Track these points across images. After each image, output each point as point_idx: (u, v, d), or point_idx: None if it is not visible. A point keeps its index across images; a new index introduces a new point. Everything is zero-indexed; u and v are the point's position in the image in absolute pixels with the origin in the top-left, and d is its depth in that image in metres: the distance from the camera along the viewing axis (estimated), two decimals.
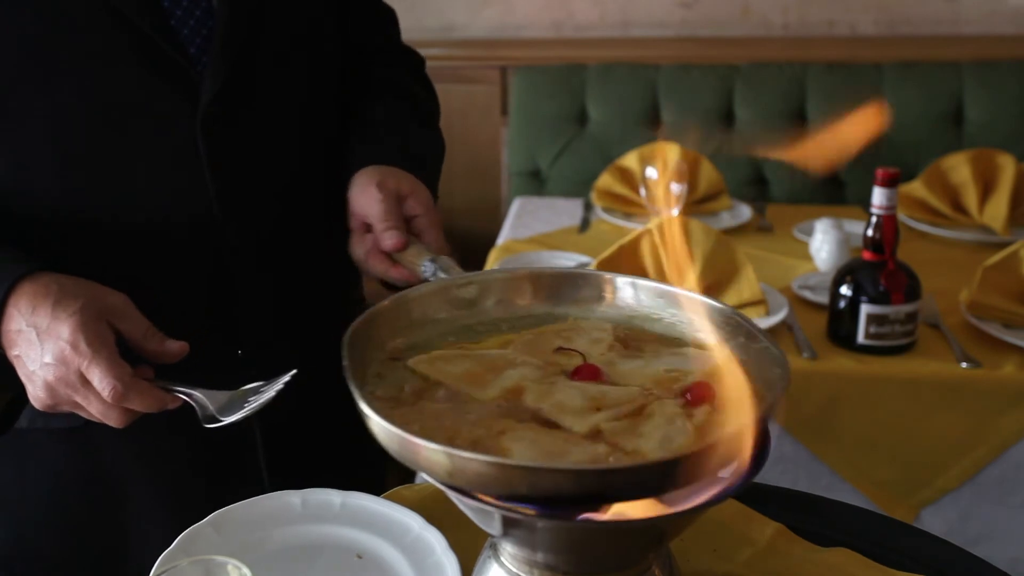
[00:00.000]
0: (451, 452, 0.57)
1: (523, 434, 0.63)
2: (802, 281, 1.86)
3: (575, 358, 0.73)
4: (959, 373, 1.56)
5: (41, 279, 0.85)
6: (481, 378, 0.70)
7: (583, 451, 0.61)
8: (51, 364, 0.82)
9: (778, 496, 0.92)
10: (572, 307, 0.82)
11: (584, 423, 0.64)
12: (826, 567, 0.82)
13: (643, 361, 0.72)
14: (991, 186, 2.16)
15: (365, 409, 0.62)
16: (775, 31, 2.81)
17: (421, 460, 0.59)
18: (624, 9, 2.85)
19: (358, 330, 0.72)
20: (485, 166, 2.95)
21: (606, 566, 0.69)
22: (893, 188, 1.56)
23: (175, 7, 0.93)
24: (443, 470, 0.59)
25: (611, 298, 0.82)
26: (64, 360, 0.82)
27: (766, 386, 0.69)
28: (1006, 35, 2.74)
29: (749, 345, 0.73)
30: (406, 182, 0.98)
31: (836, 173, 2.66)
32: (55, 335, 0.82)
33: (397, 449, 0.61)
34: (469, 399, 0.68)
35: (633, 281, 0.81)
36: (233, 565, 0.65)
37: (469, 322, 0.80)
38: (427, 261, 0.89)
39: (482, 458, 0.57)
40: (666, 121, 2.70)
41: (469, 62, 2.83)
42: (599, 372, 0.71)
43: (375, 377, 0.71)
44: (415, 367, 0.71)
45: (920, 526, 1.12)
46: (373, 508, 0.86)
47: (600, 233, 2.21)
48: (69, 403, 0.84)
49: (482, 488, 0.60)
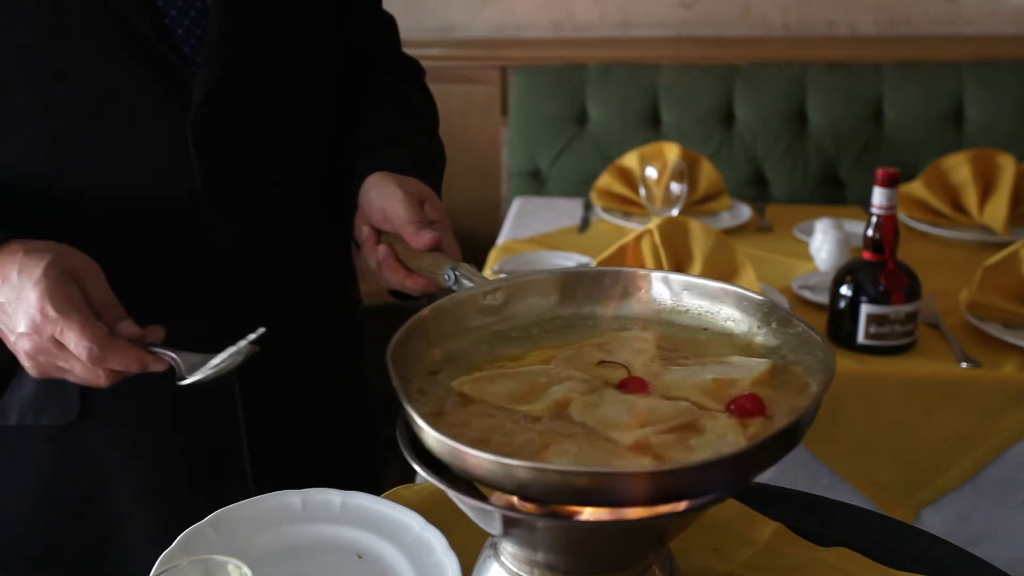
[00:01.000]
0: (504, 462, 0.58)
1: (567, 447, 0.63)
2: (802, 281, 1.86)
3: (619, 370, 0.73)
4: (959, 373, 1.56)
5: (8, 247, 0.83)
6: (527, 396, 0.70)
7: (627, 463, 0.61)
8: (26, 334, 0.80)
9: (778, 496, 0.92)
10: (598, 306, 0.82)
11: (630, 435, 0.64)
12: (826, 567, 0.82)
13: (689, 370, 0.72)
14: (991, 186, 2.16)
15: (423, 426, 0.62)
16: (775, 31, 2.81)
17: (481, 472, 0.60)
18: (624, 9, 2.85)
19: (400, 345, 0.71)
20: (485, 166, 2.95)
21: (606, 566, 0.69)
22: (893, 188, 1.56)
23: (170, 7, 0.93)
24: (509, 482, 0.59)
25: (637, 294, 0.82)
26: (37, 329, 0.80)
27: (807, 371, 0.69)
28: (1006, 35, 2.74)
29: (783, 331, 0.73)
30: (423, 188, 0.98)
31: (836, 173, 2.67)
32: (24, 304, 0.80)
33: (460, 464, 0.61)
34: (515, 414, 0.68)
35: (663, 276, 0.81)
36: (233, 565, 0.65)
37: (500, 328, 0.80)
38: (448, 269, 0.88)
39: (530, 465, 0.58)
40: (666, 121, 2.70)
41: (469, 62, 2.83)
42: (646, 384, 0.71)
43: (418, 393, 0.71)
44: (459, 388, 0.71)
45: (920, 526, 1.12)
46: (373, 508, 0.86)
47: (600, 233, 2.21)
48: (55, 369, 0.83)
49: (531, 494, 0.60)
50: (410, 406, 0.63)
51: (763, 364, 0.72)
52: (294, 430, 1.09)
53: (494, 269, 1.97)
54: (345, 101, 1.12)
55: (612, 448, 0.63)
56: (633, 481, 0.58)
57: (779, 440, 0.60)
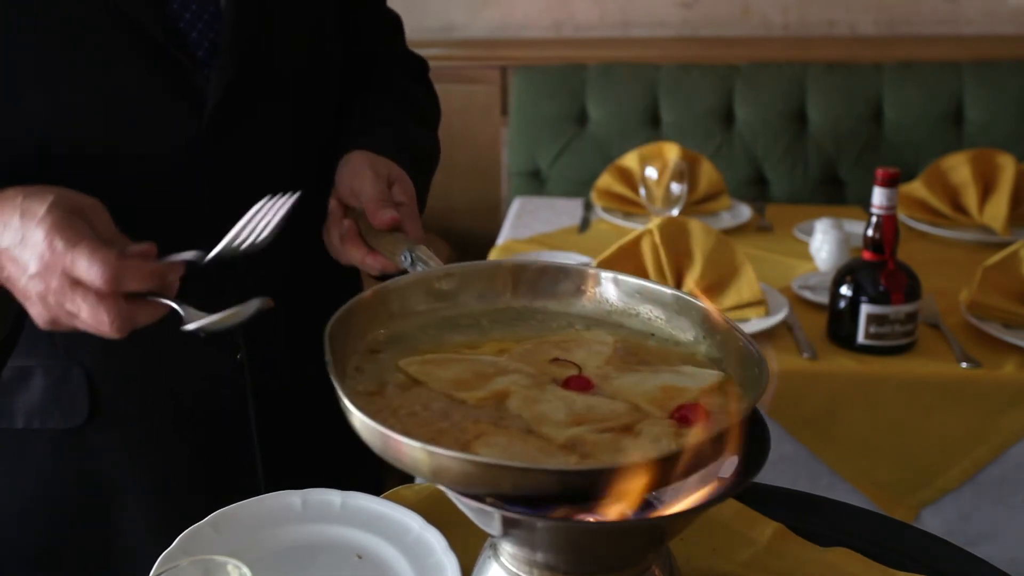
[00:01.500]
0: (430, 449, 0.58)
1: (497, 440, 0.63)
2: (802, 281, 1.86)
3: (570, 369, 0.72)
4: (959, 373, 1.56)
5: (6, 192, 0.81)
6: (469, 384, 0.70)
7: (553, 460, 0.61)
8: (36, 274, 0.77)
9: (778, 496, 0.92)
10: (550, 301, 0.82)
11: (563, 433, 0.64)
12: (826, 567, 0.82)
13: (640, 377, 0.72)
14: (991, 186, 2.16)
15: (348, 405, 0.62)
16: (775, 31, 2.81)
17: (403, 457, 0.60)
18: (624, 9, 2.85)
19: (339, 322, 0.71)
20: (485, 166, 2.95)
21: (606, 566, 0.69)
22: (893, 188, 1.56)
23: (184, 10, 0.93)
24: (424, 467, 0.59)
25: (589, 293, 0.82)
26: (47, 265, 0.76)
27: (744, 386, 0.69)
28: (1006, 35, 2.74)
29: (726, 344, 0.73)
30: (394, 169, 0.98)
31: (836, 173, 2.67)
32: (31, 244, 0.77)
33: (379, 446, 0.61)
34: (455, 401, 0.68)
35: (613, 277, 0.81)
36: (233, 565, 0.65)
37: (449, 314, 0.80)
38: (406, 251, 0.88)
39: (453, 455, 0.58)
40: (666, 121, 2.70)
41: (469, 62, 2.83)
42: (590, 384, 0.71)
43: (355, 371, 0.71)
44: (405, 368, 0.71)
45: (920, 526, 1.12)
46: (373, 508, 0.86)
47: (600, 233, 2.21)
48: (65, 314, 0.79)
49: (457, 486, 0.61)
50: (339, 383, 0.63)
51: (713, 376, 0.71)
52: (305, 432, 1.09)
53: None
54: (346, 97, 1.13)
55: (543, 444, 0.63)
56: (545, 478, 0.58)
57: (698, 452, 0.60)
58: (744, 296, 1.70)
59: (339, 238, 0.96)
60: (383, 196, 0.94)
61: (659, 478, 0.59)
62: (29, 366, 0.98)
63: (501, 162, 2.91)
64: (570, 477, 0.58)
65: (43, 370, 0.98)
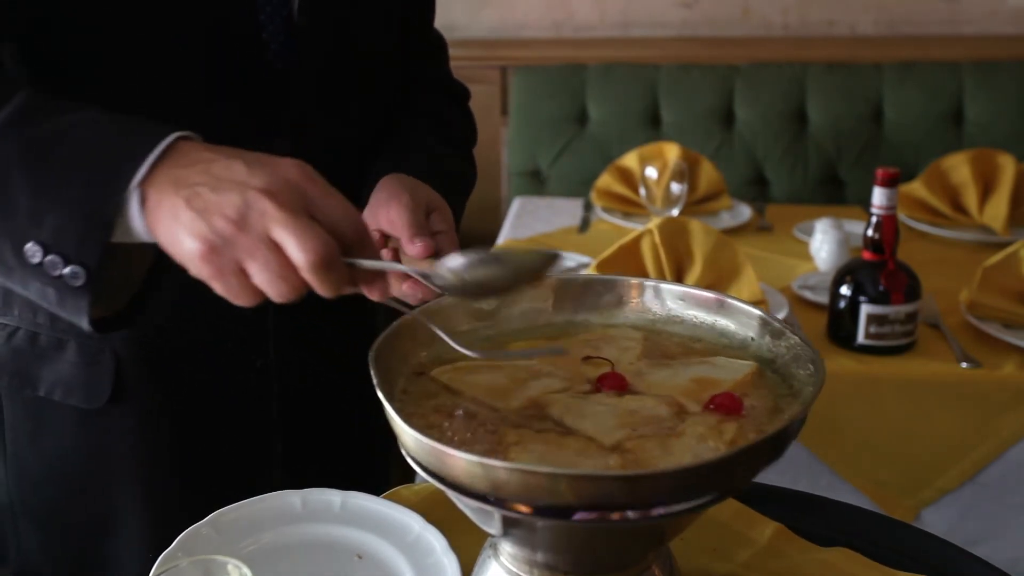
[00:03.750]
0: (485, 463, 0.57)
1: (534, 447, 0.63)
2: (802, 281, 1.86)
3: (603, 367, 0.72)
4: (959, 373, 1.56)
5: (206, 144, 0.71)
6: (505, 390, 0.70)
7: (593, 463, 0.61)
8: (264, 188, 0.64)
9: (778, 496, 0.92)
10: (593, 314, 0.82)
11: (611, 436, 0.64)
12: (826, 567, 0.82)
13: (672, 371, 0.72)
14: (991, 186, 2.16)
15: (399, 423, 0.62)
16: (775, 31, 2.81)
17: (459, 472, 0.59)
18: (624, 9, 2.85)
19: (383, 344, 0.71)
20: (485, 166, 2.92)
21: (606, 566, 0.69)
22: (893, 188, 1.56)
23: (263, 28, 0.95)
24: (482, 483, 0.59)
25: (632, 303, 0.82)
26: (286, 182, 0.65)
27: (799, 384, 0.69)
28: (1006, 35, 2.74)
29: (777, 343, 0.73)
30: (434, 197, 0.98)
31: (836, 173, 2.67)
32: (270, 162, 0.67)
33: (433, 462, 0.61)
34: (491, 409, 0.68)
35: (655, 285, 0.81)
36: (233, 565, 0.65)
37: (490, 333, 0.80)
38: None
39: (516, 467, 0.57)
40: (666, 121, 2.70)
41: (469, 62, 2.83)
42: (624, 381, 0.71)
43: (402, 393, 0.71)
44: (438, 377, 0.71)
45: (920, 526, 1.12)
46: (373, 508, 0.86)
47: (600, 233, 2.21)
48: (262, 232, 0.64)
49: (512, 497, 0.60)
50: (390, 404, 0.63)
51: (747, 366, 0.72)
52: (327, 423, 1.11)
53: None
54: (389, 116, 1.14)
55: (583, 448, 0.63)
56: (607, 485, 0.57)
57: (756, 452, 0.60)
58: (744, 296, 1.69)
59: None
60: (419, 224, 0.92)
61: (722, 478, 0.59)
62: (67, 339, 0.99)
63: (501, 162, 2.91)
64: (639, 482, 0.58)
65: (77, 346, 0.99)
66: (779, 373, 0.72)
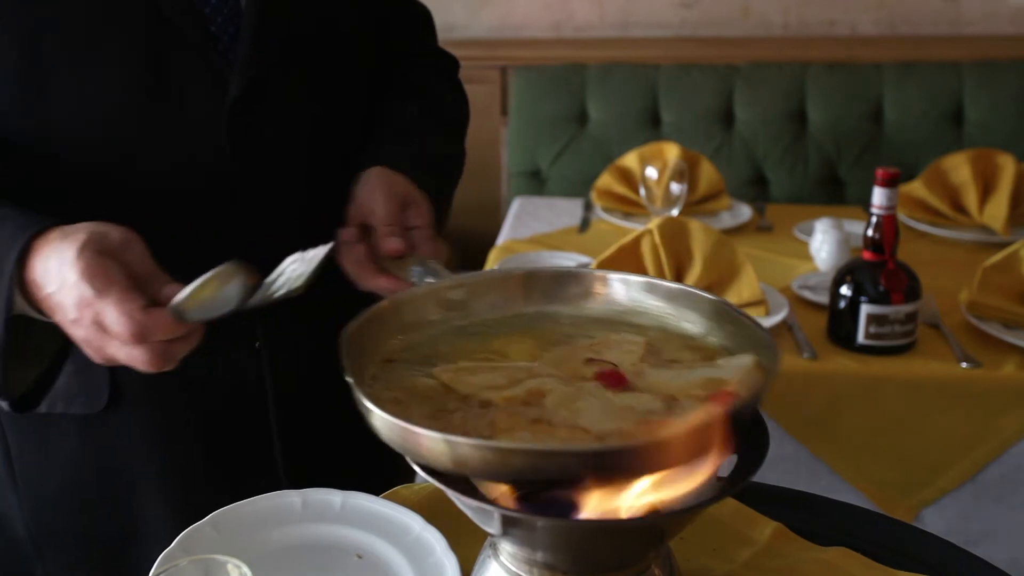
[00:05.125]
0: (449, 439, 0.58)
1: (522, 435, 0.63)
2: (802, 281, 1.86)
3: (604, 367, 0.73)
4: (959, 373, 1.56)
5: (47, 236, 0.81)
6: (501, 388, 0.70)
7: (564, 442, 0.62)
8: (75, 321, 0.78)
9: (778, 496, 0.92)
10: (562, 305, 0.83)
11: (601, 427, 0.64)
12: (826, 567, 0.82)
13: (675, 372, 0.72)
14: (991, 186, 2.16)
15: (368, 404, 0.63)
16: (775, 31, 2.81)
17: (423, 450, 0.60)
18: (624, 9, 2.85)
19: (355, 331, 0.72)
20: (485, 166, 2.94)
21: (606, 566, 0.69)
22: (893, 188, 1.56)
23: (203, 4, 0.94)
24: (444, 458, 0.59)
25: (599, 295, 0.83)
26: (81, 313, 0.77)
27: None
28: (1006, 35, 2.74)
29: (737, 333, 0.74)
30: (411, 191, 0.98)
31: (836, 173, 2.67)
32: (67, 289, 0.77)
33: (399, 442, 0.62)
34: (484, 402, 0.68)
35: (620, 277, 0.82)
36: (233, 565, 0.65)
37: (462, 323, 0.81)
38: (414, 266, 0.89)
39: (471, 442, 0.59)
40: (666, 121, 2.70)
41: (469, 62, 2.80)
42: (623, 378, 0.71)
43: (371, 379, 0.72)
44: (438, 376, 0.72)
45: (920, 526, 1.12)
46: (373, 508, 0.86)
47: (600, 233, 2.21)
48: (108, 356, 0.79)
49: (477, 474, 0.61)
50: (359, 389, 0.64)
51: (748, 360, 0.72)
52: (324, 423, 1.10)
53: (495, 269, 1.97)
54: (375, 94, 1.12)
55: (570, 437, 0.63)
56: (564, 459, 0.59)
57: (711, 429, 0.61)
58: (744, 296, 1.70)
59: (353, 264, 0.95)
60: (393, 220, 0.93)
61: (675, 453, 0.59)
62: None
63: (501, 162, 2.91)
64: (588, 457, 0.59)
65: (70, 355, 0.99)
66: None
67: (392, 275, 0.92)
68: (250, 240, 1.00)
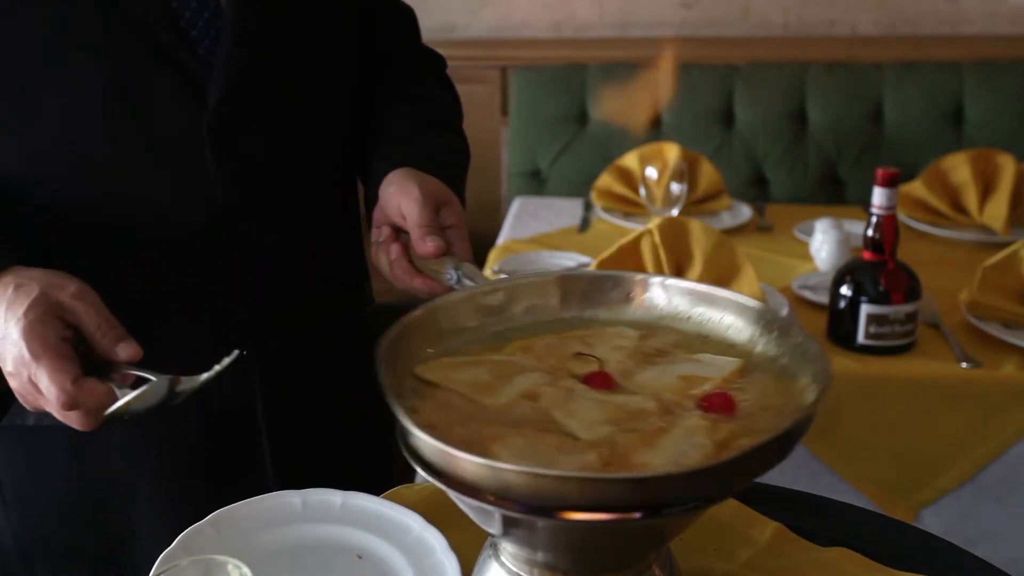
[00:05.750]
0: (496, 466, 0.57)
1: (513, 441, 0.63)
2: (802, 281, 1.86)
3: (590, 364, 0.72)
4: (959, 373, 1.56)
5: (3, 279, 0.82)
6: (490, 386, 0.70)
7: (572, 461, 0.61)
8: (11, 373, 0.80)
9: (778, 496, 0.92)
10: (601, 310, 0.81)
11: (594, 432, 0.64)
12: (826, 567, 0.82)
13: (659, 369, 0.72)
14: (991, 186, 2.16)
15: (410, 427, 0.61)
16: (775, 31, 2.81)
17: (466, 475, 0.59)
18: (624, 9, 2.85)
19: (391, 343, 0.70)
20: (485, 166, 2.94)
21: (606, 566, 0.69)
22: (893, 188, 1.56)
23: (184, 8, 0.92)
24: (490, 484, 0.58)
25: (639, 299, 0.81)
26: (17, 368, 0.79)
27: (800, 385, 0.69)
28: (1006, 35, 2.74)
29: (783, 340, 0.73)
30: (443, 191, 0.96)
31: (836, 173, 2.67)
32: (10, 342, 0.79)
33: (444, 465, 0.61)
34: (474, 403, 0.68)
35: (662, 281, 0.80)
36: (233, 565, 0.65)
37: (498, 329, 0.79)
38: (451, 268, 0.87)
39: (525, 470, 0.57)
40: (666, 121, 2.70)
41: (469, 62, 2.83)
42: (611, 380, 0.70)
43: (411, 392, 0.70)
44: (421, 374, 0.71)
45: (920, 526, 1.12)
46: (373, 508, 0.86)
47: (600, 233, 2.21)
48: (39, 408, 0.82)
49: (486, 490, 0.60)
50: (396, 403, 0.63)
51: (733, 363, 0.71)
52: (315, 431, 1.09)
53: (494, 269, 1.97)
54: (362, 97, 1.11)
55: (560, 443, 0.63)
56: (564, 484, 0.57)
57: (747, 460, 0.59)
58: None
59: (387, 264, 0.95)
60: (430, 221, 0.92)
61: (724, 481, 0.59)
62: None
63: (501, 162, 2.91)
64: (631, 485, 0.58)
65: None
66: (783, 371, 0.72)
67: (428, 276, 0.91)
68: (237, 269, 0.99)
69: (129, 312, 0.84)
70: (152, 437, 1.02)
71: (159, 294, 0.95)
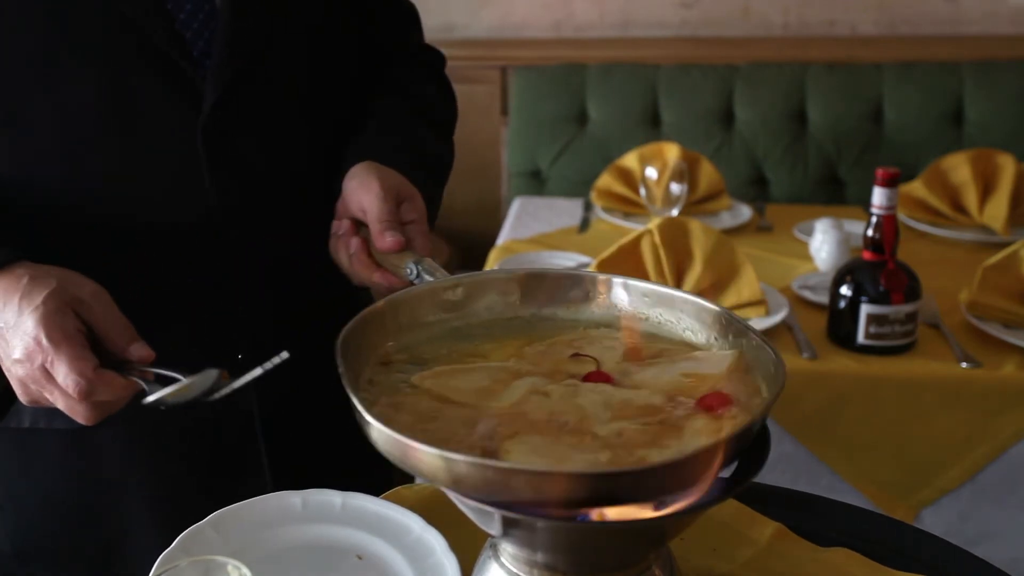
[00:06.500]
0: (449, 456, 0.57)
1: (527, 438, 0.63)
2: (802, 281, 1.86)
3: (587, 365, 0.72)
4: (959, 373, 1.56)
5: (15, 271, 0.83)
6: (493, 392, 0.70)
7: (584, 458, 0.61)
8: (20, 360, 0.80)
9: (778, 496, 0.92)
10: (560, 308, 0.82)
11: (608, 427, 0.64)
12: (826, 567, 0.82)
13: (659, 368, 0.72)
14: (991, 186, 2.16)
15: (367, 417, 0.61)
16: (775, 31, 2.81)
17: (423, 467, 0.59)
18: (624, 9, 2.85)
19: (350, 335, 0.71)
20: (485, 166, 2.95)
21: (606, 566, 0.69)
22: (893, 188, 1.56)
23: (179, 10, 0.92)
24: (445, 476, 0.58)
25: (599, 299, 0.82)
26: (30, 356, 0.79)
27: (764, 384, 0.69)
28: (1006, 35, 2.74)
29: (740, 343, 0.73)
30: (405, 186, 0.96)
31: (836, 173, 2.67)
32: (22, 331, 0.80)
33: (398, 456, 0.61)
34: (479, 409, 0.68)
35: (622, 281, 0.81)
36: (233, 565, 0.65)
37: (458, 324, 0.80)
38: (411, 263, 0.87)
39: (477, 461, 0.57)
40: (666, 121, 2.70)
41: (469, 62, 2.83)
42: (611, 379, 0.71)
43: (367, 383, 0.71)
44: (420, 384, 0.71)
45: (920, 526, 1.12)
46: (373, 509, 0.86)
47: (600, 233, 2.21)
48: (43, 399, 0.82)
49: (481, 494, 0.60)
50: (355, 395, 0.63)
51: (729, 356, 0.72)
52: (314, 432, 1.09)
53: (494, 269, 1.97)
54: (360, 95, 1.11)
55: (576, 441, 0.63)
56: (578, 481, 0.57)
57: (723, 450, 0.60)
58: (744, 296, 1.70)
59: (347, 258, 0.95)
60: (390, 216, 0.92)
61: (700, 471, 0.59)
62: None
63: (501, 162, 2.91)
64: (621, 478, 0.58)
65: None
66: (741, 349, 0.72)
67: (388, 271, 0.91)
68: (235, 270, 0.98)
69: (129, 313, 0.85)
70: (147, 438, 1.02)
71: (158, 295, 0.95)
